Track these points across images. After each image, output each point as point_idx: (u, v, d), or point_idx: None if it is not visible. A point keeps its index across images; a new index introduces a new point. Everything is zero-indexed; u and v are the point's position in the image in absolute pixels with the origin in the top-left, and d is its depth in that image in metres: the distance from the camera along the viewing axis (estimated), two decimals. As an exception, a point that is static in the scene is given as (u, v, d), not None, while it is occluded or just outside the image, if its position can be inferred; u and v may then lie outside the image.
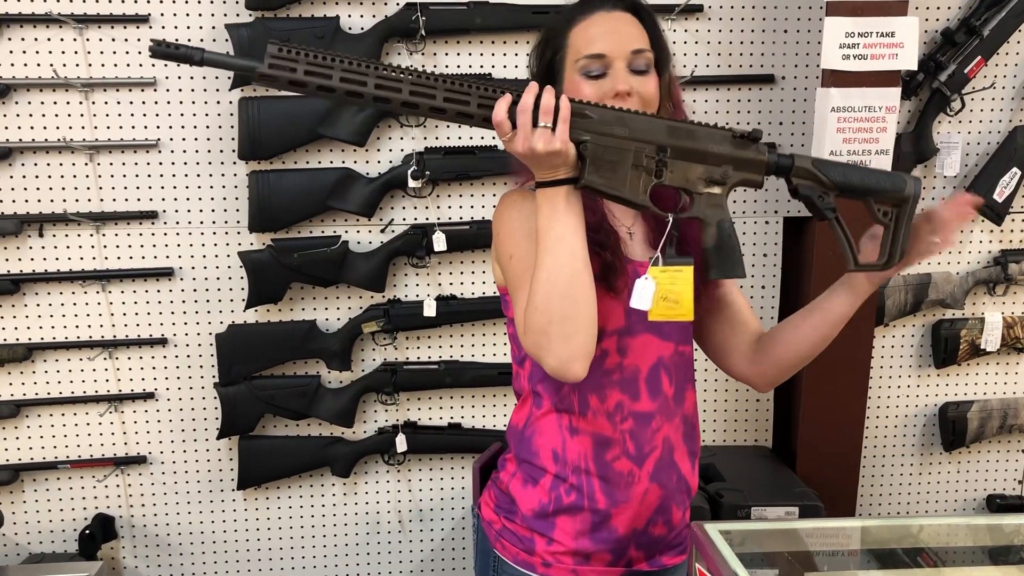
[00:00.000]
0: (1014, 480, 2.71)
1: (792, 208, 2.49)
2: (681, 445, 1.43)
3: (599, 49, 1.32)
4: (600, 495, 1.36)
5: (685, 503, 1.45)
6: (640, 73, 1.33)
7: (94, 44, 2.25)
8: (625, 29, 1.35)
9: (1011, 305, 2.61)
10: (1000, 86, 2.49)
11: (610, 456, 1.36)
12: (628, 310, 1.32)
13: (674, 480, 1.41)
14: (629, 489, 1.37)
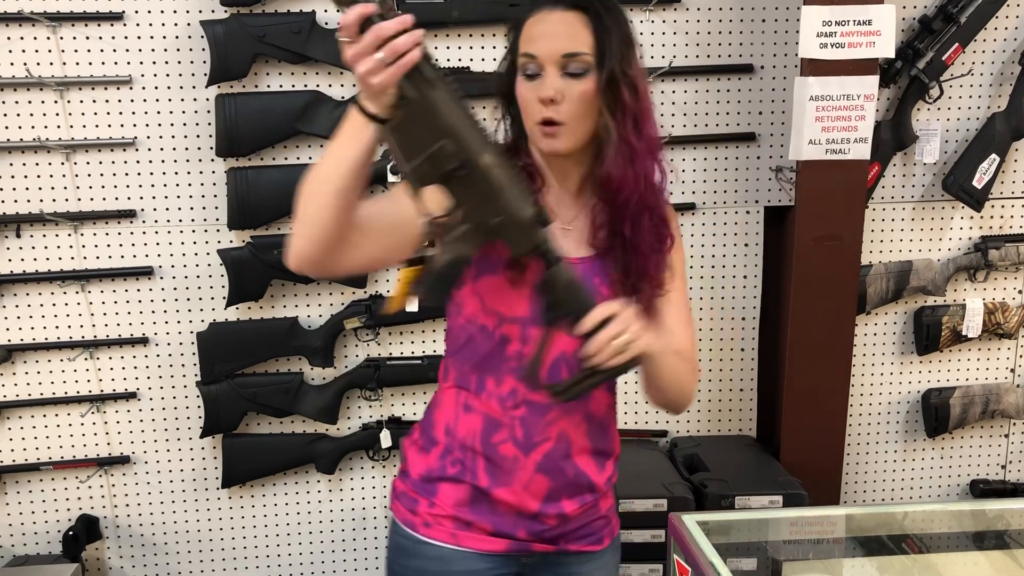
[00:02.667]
0: (997, 465, 2.73)
1: (773, 197, 2.50)
2: (583, 442, 1.40)
3: (532, 49, 1.31)
4: (482, 473, 1.37)
5: (586, 499, 1.42)
6: (575, 76, 1.29)
7: (68, 42, 2.23)
8: (562, 30, 1.31)
9: (991, 291, 2.62)
10: (978, 73, 2.50)
11: (497, 439, 1.37)
12: (533, 301, 1.31)
13: (569, 475, 1.39)
14: (512, 474, 1.37)
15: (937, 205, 2.57)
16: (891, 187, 2.54)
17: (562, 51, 1.29)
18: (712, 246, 2.51)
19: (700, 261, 2.51)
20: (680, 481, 2.31)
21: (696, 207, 2.48)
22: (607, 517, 1.48)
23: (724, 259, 2.52)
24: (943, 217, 2.58)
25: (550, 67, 1.30)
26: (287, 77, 2.31)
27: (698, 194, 2.48)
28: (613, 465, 1.47)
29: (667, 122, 2.43)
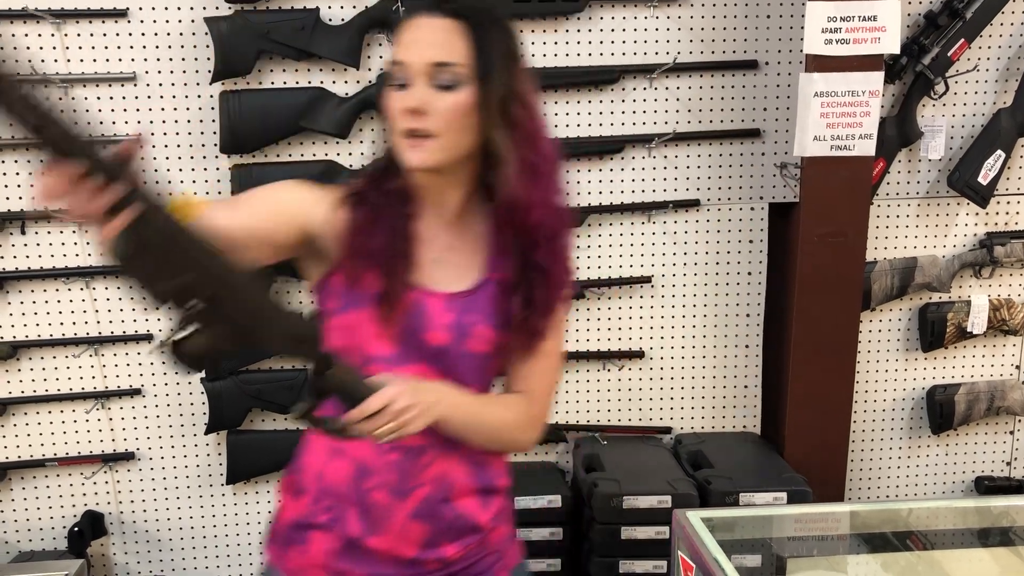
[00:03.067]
0: (1002, 462, 2.72)
1: (778, 194, 2.49)
2: (464, 483, 1.32)
3: (401, 57, 1.22)
4: (354, 522, 1.29)
5: (469, 541, 1.34)
6: (445, 88, 1.20)
7: (72, 39, 2.24)
8: (435, 38, 1.21)
9: (997, 288, 2.61)
10: (984, 68, 2.49)
11: (369, 485, 1.28)
12: (402, 338, 1.26)
13: (448, 519, 1.31)
14: (385, 522, 1.29)
15: (942, 201, 2.56)
16: (896, 183, 2.53)
17: (431, 60, 1.20)
18: (716, 243, 2.51)
19: (704, 258, 2.51)
20: (684, 478, 2.31)
21: (700, 203, 2.48)
22: (498, 552, 1.39)
23: (728, 256, 2.52)
24: (948, 213, 2.57)
25: (418, 77, 1.21)
26: (291, 74, 2.31)
27: (702, 191, 2.48)
28: (502, 499, 1.39)
29: (671, 118, 2.43)
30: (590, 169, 2.44)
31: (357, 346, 1.27)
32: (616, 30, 2.37)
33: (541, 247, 1.27)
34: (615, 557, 2.26)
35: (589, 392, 2.55)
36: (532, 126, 1.25)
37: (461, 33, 1.21)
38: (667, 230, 2.49)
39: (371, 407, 1.13)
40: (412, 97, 1.20)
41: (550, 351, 1.34)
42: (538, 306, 1.28)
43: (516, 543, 1.44)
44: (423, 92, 1.20)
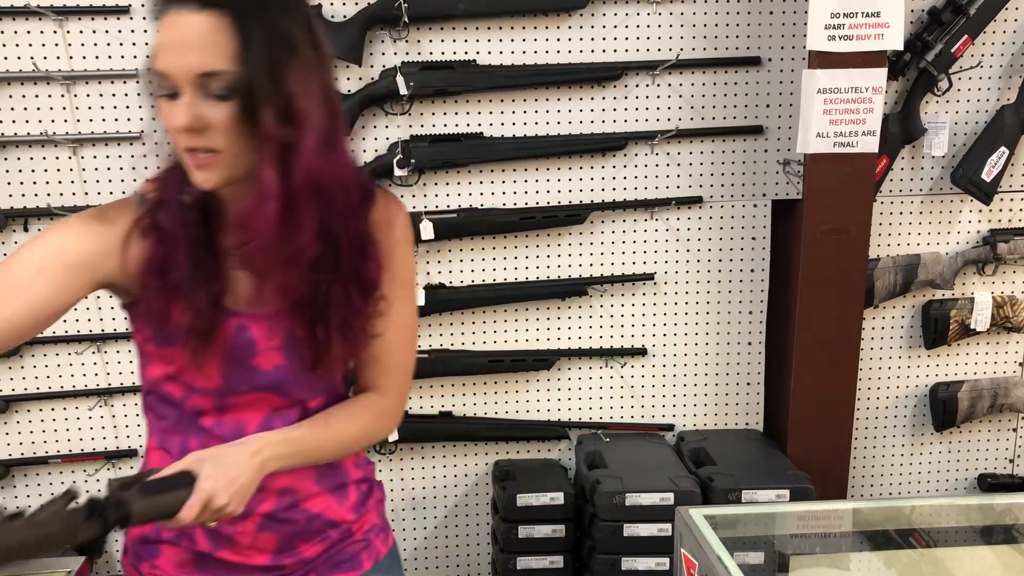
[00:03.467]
0: (1005, 459, 2.72)
1: (781, 191, 2.49)
2: (312, 487, 1.27)
3: (162, 65, 1.05)
4: (201, 539, 1.24)
5: (329, 536, 1.30)
6: (220, 99, 1.04)
7: (75, 36, 2.23)
8: (195, 39, 1.03)
9: (1000, 285, 2.61)
10: (987, 65, 2.48)
11: None
12: (226, 369, 1.17)
13: (301, 523, 1.26)
14: (232, 538, 1.24)
15: (946, 198, 2.56)
16: (899, 180, 2.53)
17: (196, 70, 1.03)
18: (719, 239, 2.50)
19: (707, 255, 2.51)
20: (687, 475, 2.31)
21: (703, 200, 2.47)
22: (365, 540, 1.34)
23: (731, 252, 2.51)
24: (952, 210, 2.57)
25: (186, 87, 1.04)
26: (293, 71, 2.31)
27: (705, 187, 2.47)
28: (361, 490, 1.34)
29: (674, 115, 2.42)
30: (592, 166, 2.43)
31: (179, 378, 1.20)
32: (619, 27, 2.36)
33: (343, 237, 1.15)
34: (617, 554, 2.26)
35: (592, 389, 2.55)
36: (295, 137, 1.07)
37: (224, 28, 1.03)
38: (670, 227, 2.48)
39: (188, 518, 1.06)
40: (184, 113, 1.04)
41: (391, 341, 1.25)
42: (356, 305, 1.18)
43: (386, 531, 1.40)
44: (196, 105, 1.04)
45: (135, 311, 1.20)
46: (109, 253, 1.14)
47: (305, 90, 1.07)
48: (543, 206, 2.43)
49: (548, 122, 2.40)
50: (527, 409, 2.54)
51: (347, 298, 1.17)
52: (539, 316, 2.50)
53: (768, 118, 2.45)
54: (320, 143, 1.09)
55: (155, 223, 1.14)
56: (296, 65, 1.06)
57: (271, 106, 1.05)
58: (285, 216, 1.08)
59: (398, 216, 1.25)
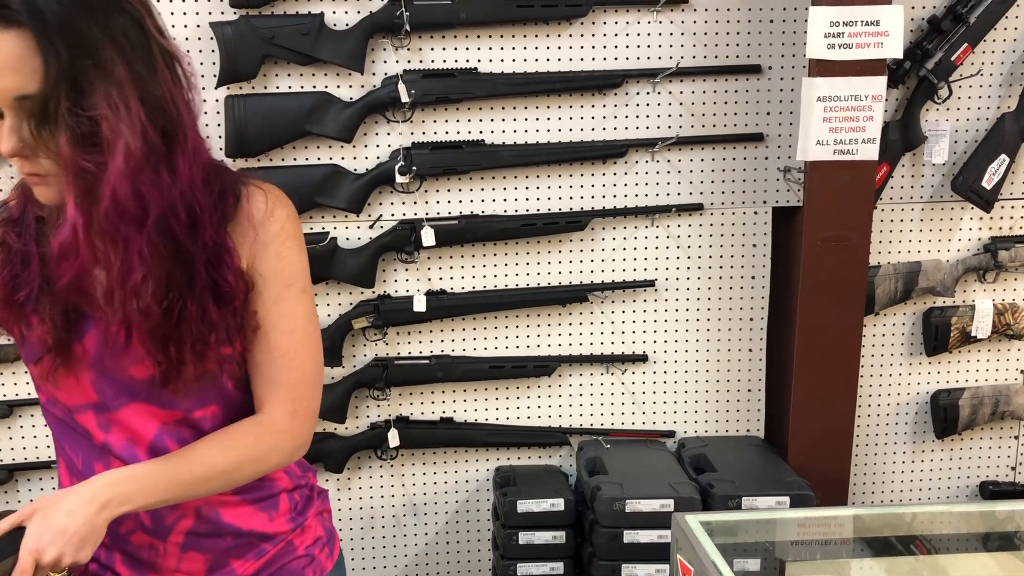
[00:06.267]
0: (1006, 466, 2.72)
1: (781, 198, 2.49)
2: (229, 502, 1.22)
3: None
4: (122, 567, 1.20)
5: (264, 550, 1.25)
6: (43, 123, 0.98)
7: None
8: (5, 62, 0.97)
9: (1001, 292, 2.61)
10: (987, 73, 2.49)
11: (124, 529, 1.18)
12: (97, 381, 1.14)
13: (228, 541, 1.22)
14: (155, 562, 1.20)
15: (946, 206, 2.56)
16: (900, 188, 2.53)
17: (11, 92, 0.98)
18: (720, 247, 2.51)
19: (708, 261, 2.51)
20: (687, 481, 2.31)
21: (704, 208, 2.48)
22: (309, 555, 1.29)
23: (732, 259, 2.52)
24: (952, 218, 2.57)
25: (7, 110, 1.00)
26: (295, 78, 2.32)
27: (705, 194, 2.48)
28: (293, 498, 1.29)
29: (674, 123, 2.43)
30: (593, 173, 2.44)
31: (53, 397, 1.17)
32: (619, 35, 2.38)
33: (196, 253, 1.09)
34: (617, 561, 2.26)
35: (592, 396, 2.56)
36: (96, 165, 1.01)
37: (31, 47, 0.96)
38: (670, 234, 2.49)
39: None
40: (8, 139, 1.00)
41: (275, 349, 1.18)
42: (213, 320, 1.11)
43: (332, 542, 1.35)
44: (18, 130, 1.00)
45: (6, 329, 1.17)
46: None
47: (114, 112, 0.99)
48: (544, 213, 2.44)
49: (549, 129, 2.41)
50: (528, 415, 2.55)
51: (203, 313, 1.10)
52: (540, 323, 2.51)
53: (768, 126, 2.46)
54: (133, 167, 1.01)
55: (6, 238, 1.12)
56: (105, 85, 0.99)
57: (68, 131, 0.98)
58: (94, 245, 1.03)
59: (273, 212, 1.16)
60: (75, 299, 1.10)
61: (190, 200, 1.08)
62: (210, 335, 1.11)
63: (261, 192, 1.17)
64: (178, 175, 1.06)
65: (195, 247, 1.08)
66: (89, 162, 1.00)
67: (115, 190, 1.00)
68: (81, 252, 1.02)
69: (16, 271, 1.11)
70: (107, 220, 1.02)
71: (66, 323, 1.11)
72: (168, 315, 1.07)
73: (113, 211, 1.01)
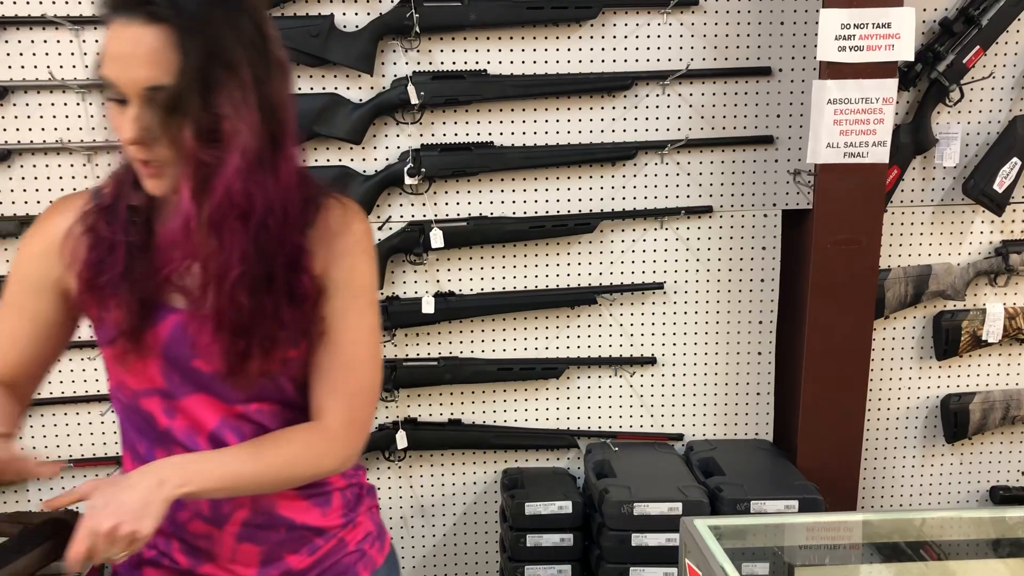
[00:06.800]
0: (1017, 471, 2.70)
1: (791, 201, 2.49)
2: (285, 495, 1.24)
3: (110, 73, 1.05)
4: (180, 555, 1.24)
5: (317, 545, 1.28)
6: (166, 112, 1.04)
7: (90, 45, 2.26)
8: (141, 53, 1.02)
9: (1012, 296, 2.59)
10: (999, 76, 2.47)
11: (183, 517, 1.22)
12: (165, 370, 1.18)
13: (282, 533, 1.25)
14: (211, 551, 1.23)
15: (957, 209, 2.55)
16: (910, 191, 2.52)
17: (143, 83, 1.03)
18: (729, 249, 2.50)
19: (717, 264, 2.51)
20: (695, 485, 2.31)
21: (713, 210, 2.47)
22: (360, 550, 1.32)
23: (741, 262, 2.51)
24: (963, 221, 2.56)
25: (134, 99, 1.04)
26: (305, 80, 2.32)
27: (715, 197, 2.47)
28: (345, 496, 1.31)
29: (684, 125, 2.43)
30: (603, 175, 2.44)
31: (121, 381, 1.20)
32: (629, 37, 2.37)
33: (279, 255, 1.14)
34: (625, 564, 2.25)
35: (601, 398, 2.55)
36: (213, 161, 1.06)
37: (169, 43, 1.02)
38: (680, 236, 2.49)
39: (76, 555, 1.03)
40: (131, 127, 1.05)
41: (337, 356, 1.20)
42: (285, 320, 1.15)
43: (382, 537, 1.37)
44: (143, 118, 1.05)
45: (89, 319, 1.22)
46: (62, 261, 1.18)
47: (236, 111, 1.05)
48: (553, 215, 2.44)
49: (558, 131, 2.41)
50: (536, 417, 2.55)
51: (276, 312, 1.13)
52: (548, 325, 2.50)
53: (778, 128, 2.45)
54: (246, 166, 1.06)
55: (96, 224, 1.17)
56: (231, 85, 1.05)
57: (193, 124, 1.04)
58: (203, 236, 1.07)
59: (351, 225, 1.21)
60: (164, 289, 1.15)
61: (284, 202, 1.12)
62: (279, 334, 1.14)
63: (341, 205, 1.22)
64: (279, 177, 1.11)
65: (279, 247, 1.13)
66: (208, 157, 1.05)
67: (229, 186, 1.06)
68: (191, 243, 1.08)
69: (102, 256, 1.15)
70: (218, 214, 1.07)
71: (141, 311, 1.15)
72: (244, 307, 1.12)
73: (225, 206, 1.06)
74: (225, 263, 1.08)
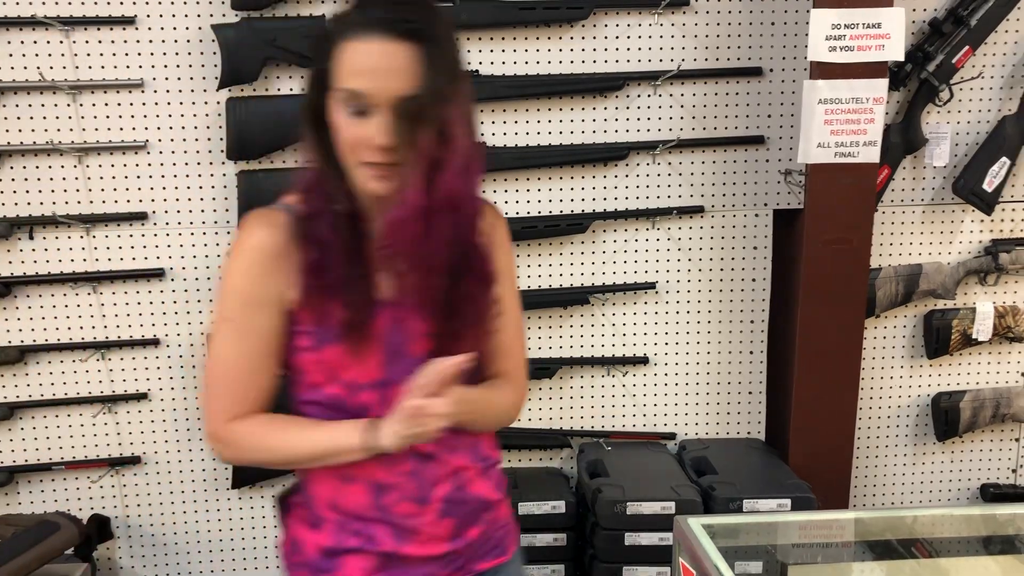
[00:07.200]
0: (1007, 469, 2.72)
1: (782, 201, 2.50)
2: (473, 468, 1.36)
3: (360, 86, 1.15)
4: (385, 538, 1.30)
5: (485, 518, 1.38)
6: (409, 119, 1.16)
7: (80, 46, 2.25)
8: (395, 66, 1.15)
9: (1002, 295, 2.61)
10: (988, 75, 2.49)
11: (389, 500, 1.30)
12: (386, 360, 1.26)
13: (471, 506, 1.35)
14: (416, 529, 1.31)
15: (947, 208, 2.56)
16: (901, 190, 2.54)
17: (397, 93, 1.15)
18: (721, 249, 2.51)
19: (709, 264, 2.51)
20: (688, 484, 2.31)
21: (705, 210, 2.48)
22: (507, 525, 1.44)
23: (733, 262, 2.52)
24: (953, 220, 2.57)
25: (380, 108, 1.15)
26: (297, 80, 2.32)
27: (707, 197, 2.48)
28: (499, 471, 1.43)
29: (676, 125, 2.44)
30: (595, 176, 2.45)
31: (340, 379, 1.26)
32: (620, 37, 2.38)
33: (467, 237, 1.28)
34: (619, 563, 2.26)
35: (594, 398, 2.56)
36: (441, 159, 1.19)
37: (417, 56, 1.15)
38: (671, 236, 2.49)
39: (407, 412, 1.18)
40: (385, 133, 1.16)
41: (510, 331, 1.38)
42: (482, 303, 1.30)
43: (515, 519, 1.48)
44: (391, 126, 1.16)
45: (295, 324, 1.27)
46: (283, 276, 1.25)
47: (458, 117, 1.20)
48: (545, 215, 2.44)
49: (550, 132, 2.41)
50: (529, 417, 2.55)
51: (476, 294, 1.28)
52: (541, 325, 2.51)
53: (769, 128, 2.46)
54: (462, 166, 1.20)
55: (310, 232, 1.24)
56: (456, 94, 1.20)
57: (431, 128, 1.17)
58: (424, 226, 1.21)
59: (500, 220, 1.39)
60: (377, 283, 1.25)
61: (474, 198, 1.27)
62: (483, 313, 1.30)
63: (491, 207, 1.39)
64: (474, 175, 1.26)
65: (472, 237, 1.28)
66: (440, 157, 1.18)
67: (448, 182, 1.19)
68: (411, 235, 1.20)
69: (322, 261, 1.24)
70: (438, 206, 1.20)
71: (365, 303, 1.25)
72: (450, 292, 1.25)
73: (444, 200, 1.20)
74: (436, 252, 1.22)
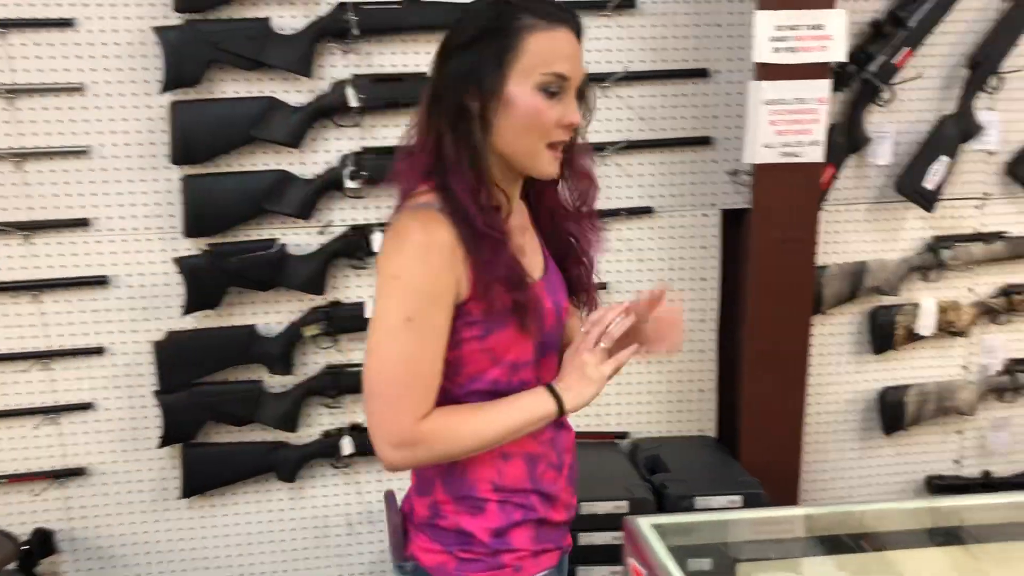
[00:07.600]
0: (950, 460, 2.77)
1: (730, 200, 2.52)
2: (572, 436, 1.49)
3: (564, 70, 1.26)
4: (539, 506, 1.39)
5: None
6: (579, 100, 1.31)
7: (17, 49, 2.20)
8: (578, 55, 1.30)
9: (944, 290, 2.66)
10: (928, 76, 2.53)
11: (539, 470, 1.39)
12: (538, 335, 1.33)
13: (577, 474, 1.48)
14: (557, 495, 1.41)
15: (890, 206, 2.61)
16: (845, 189, 2.57)
17: (583, 76, 1.30)
18: (670, 249, 2.53)
19: (659, 264, 2.53)
20: (641, 483, 2.32)
21: (653, 211, 2.50)
22: None
23: (682, 262, 2.54)
24: (896, 218, 2.62)
25: (571, 91, 1.28)
26: (242, 84, 2.29)
27: (655, 198, 2.50)
28: None
29: (624, 127, 2.45)
30: (544, 177, 2.44)
31: (504, 361, 1.32)
32: (568, 39, 2.38)
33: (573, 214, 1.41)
34: (572, 564, 2.26)
35: (546, 399, 2.55)
36: None
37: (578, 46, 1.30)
38: (621, 237, 2.50)
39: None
40: (575, 113, 1.28)
41: None
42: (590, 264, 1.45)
43: None
44: (576, 107, 1.29)
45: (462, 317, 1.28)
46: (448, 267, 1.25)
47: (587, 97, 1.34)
48: (496, 217, 2.44)
49: (500, 134, 2.41)
50: (482, 420, 2.54)
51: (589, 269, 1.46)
52: (493, 327, 2.50)
53: (716, 129, 2.49)
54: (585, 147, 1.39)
55: (476, 228, 1.26)
56: None
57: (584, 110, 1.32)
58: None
59: None
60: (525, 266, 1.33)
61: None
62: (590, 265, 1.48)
63: None
64: None
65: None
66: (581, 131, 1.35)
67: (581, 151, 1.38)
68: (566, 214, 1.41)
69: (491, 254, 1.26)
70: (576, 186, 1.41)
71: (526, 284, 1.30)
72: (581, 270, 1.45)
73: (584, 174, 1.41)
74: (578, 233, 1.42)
